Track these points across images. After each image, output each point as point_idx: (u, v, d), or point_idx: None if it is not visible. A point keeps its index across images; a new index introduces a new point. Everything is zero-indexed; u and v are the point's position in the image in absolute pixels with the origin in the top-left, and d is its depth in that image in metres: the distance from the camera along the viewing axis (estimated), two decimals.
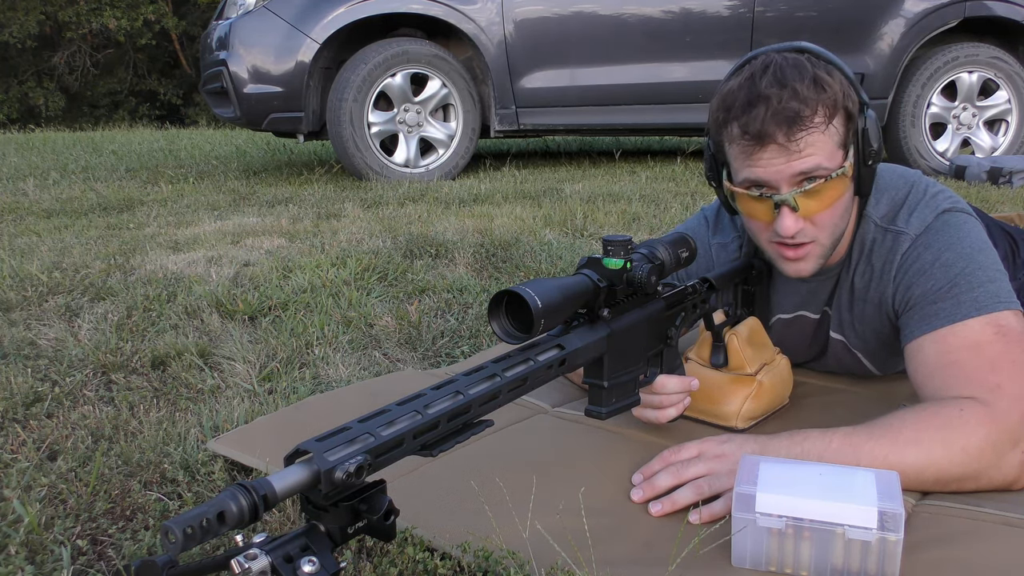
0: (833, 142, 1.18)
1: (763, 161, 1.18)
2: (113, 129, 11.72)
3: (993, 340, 1.16)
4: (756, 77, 1.17)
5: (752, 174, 1.20)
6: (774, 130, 1.15)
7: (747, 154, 1.19)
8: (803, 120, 1.14)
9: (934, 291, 1.22)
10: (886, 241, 1.30)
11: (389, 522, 0.76)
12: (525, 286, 0.91)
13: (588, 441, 1.32)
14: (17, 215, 3.60)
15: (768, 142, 1.16)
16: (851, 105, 1.19)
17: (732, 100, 1.19)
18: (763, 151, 1.17)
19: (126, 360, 1.71)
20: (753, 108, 1.15)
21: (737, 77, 1.21)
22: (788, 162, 1.17)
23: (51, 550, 1.04)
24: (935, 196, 1.30)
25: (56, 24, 18.82)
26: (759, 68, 1.19)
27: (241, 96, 4.20)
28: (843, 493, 0.94)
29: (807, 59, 1.19)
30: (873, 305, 1.34)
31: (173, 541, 0.62)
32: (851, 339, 1.43)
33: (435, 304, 2.14)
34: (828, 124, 1.16)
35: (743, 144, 1.19)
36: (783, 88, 1.14)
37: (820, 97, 1.15)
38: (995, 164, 4.21)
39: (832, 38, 4.48)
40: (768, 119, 1.14)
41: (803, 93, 1.14)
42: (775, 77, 1.16)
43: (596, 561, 0.97)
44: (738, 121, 1.18)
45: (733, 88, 1.20)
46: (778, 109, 1.14)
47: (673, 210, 3.38)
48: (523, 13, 4.33)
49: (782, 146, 1.16)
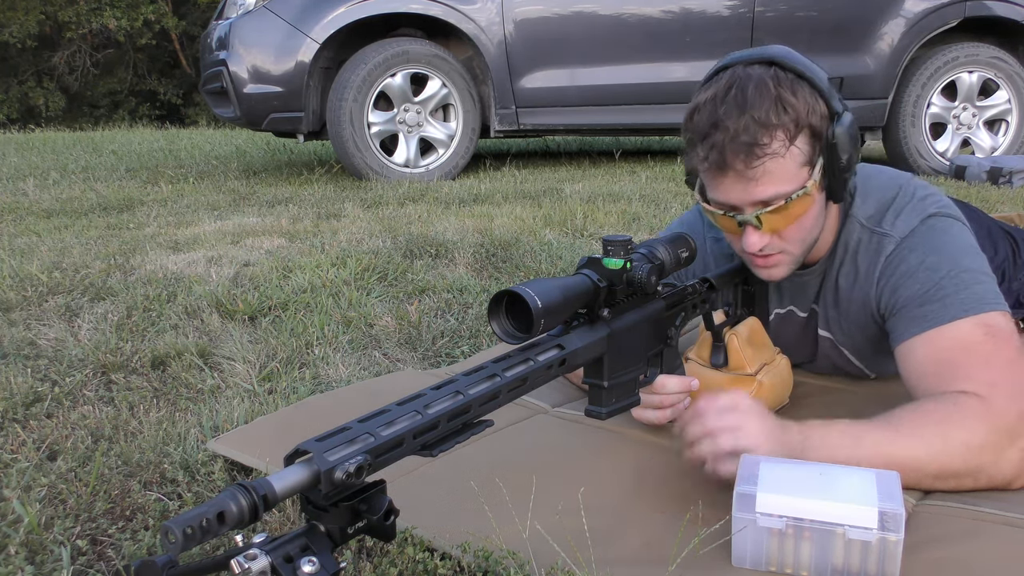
0: (796, 163, 1.17)
1: (724, 187, 1.20)
2: (113, 129, 11.72)
3: (984, 340, 1.16)
4: (718, 100, 1.17)
5: (716, 197, 1.23)
6: (732, 159, 1.15)
7: (709, 177, 1.22)
8: (760, 147, 1.14)
9: (920, 294, 1.23)
10: (871, 243, 1.31)
11: (389, 522, 0.76)
12: (525, 286, 0.91)
13: (588, 441, 1.32)
14: (17, 215, 3.60)
15: (727, 170, 1.17)
16: (816, 120, 1.17)
17: (696, 121, 1.20)
18: (723, 177, 1.19)
19: (126, 360, 1.71)
20: (712, 135, 1.16)
21: (704, 92, 1.21)
22: (746, 189, 1.18)
23: (51, 550, 1.04)
24: (923, 200, 1.30)
25: (56, 24, 18.82)
26: (723, 88, 1.18)
27: (241, 96, 4.20)
28: (843, 493, 0.94)
29: (772, 75, 1.17)
30: (857, 304, 1.35)
31: (173, 541, 0.62)
32: (838, 336, 1.43)
33: (435, 304, 2.14)
34: (789, 146, 1.16)
35: (705, 168, 1.20)
36: (741, 115, 1.14)
37: (781, 121, 1.14)
38: (995, 164, 4.21)
39: (832, 38, 4.48)
40: (726, 148, 1.15)
41: (762, 118, 1.14)
42: (736, 102, 1.15)
43: (596, 561, 0.97)
44: (701, 146, 1.19)
45: (699, 104, 1.20)
46: (735, 136, 1.14)
47: (673, 210, 3.38)
48: (523, 13, 4.33)
49: (740, 173, 1.16)
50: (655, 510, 1.11)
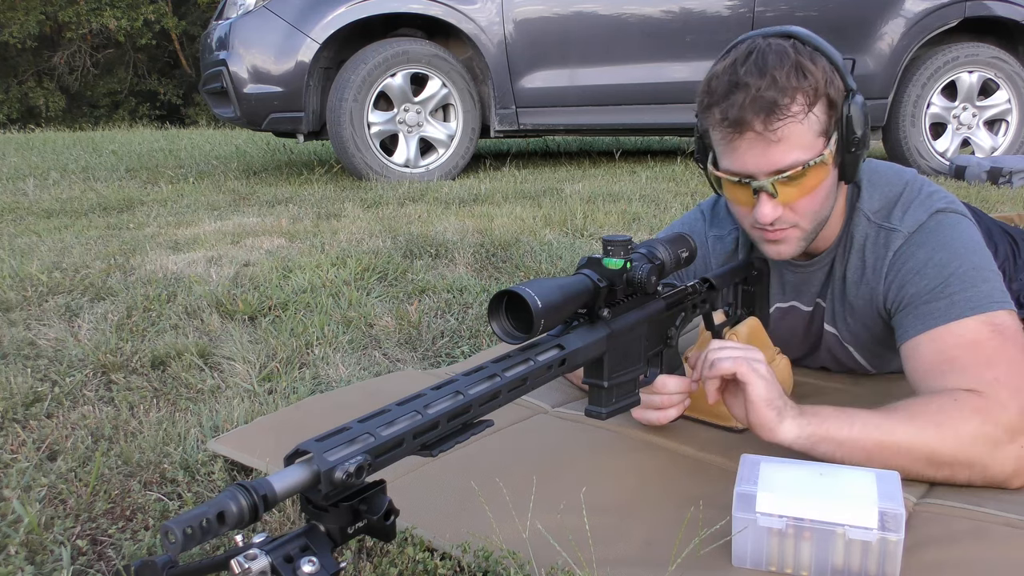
0: (813, 131, 1.17)
1: (740, 151, 1.19)
2: (113, 129, 11.72)
3: (989, 338, 1.16)
4: (738, 63, 1.17)
5: (731, 164, 1.22)
6: (752, 118, 1.15)
7: (727, 141, 1.20)
8: (781, 109, 1.14)
9: (928, 291, 1.23)
10: (879, 238, 1.30)
11: (389, 522, 0.76)
12: (525, 286, 0.91)
13: (588, 441, 1.32)
14: (17, 215, 3.60)
15: (746, 129, 1.16)
16: (833, 92, 1.18)
17: (715, 85, 1.19)
18: (741, 139, 1.18)
19: (126, 360, 1.71)
20: (732, 95, 1.16)
21: (723, 61, 1.21)
22: (765, 152, 1.17)
23: (51, 550, 1.04)
24: (930, 195, 1.30)
25: (56, 24, 18.82)
26: (742, 54, 1.19)
27: (241, 96, 4.20)
28: (843, 493, 0.94)
29: (792, 45, 1.18)
30: (864, 300, 1.35)
31: (173, 541, 0.62)
32: (843, 332, 1.43)
33: (435, 304, 2.14)
34: (808, 112, 1.16)
35: (723, 130, 1.19)
36: (762, 76, 1.15)
37: (800, 85, 1.15)
38: (995, 164, 4.21)
39: (832, 38, 4.45)
40: (747, 107, 1.15)
41: (782, 81, 1.14)
42: (756, 64, 1.16)
43: (596, 561, 0.97)
44: (718, 107, 1.18)
45: (717, 72, 1.20)
46: (756, 97, 1.14)
47: (673, 210, 3.38)
48: (523, 13, 4.33)
49: (760, 134, 1.16)
50: (656, 510, 1.11)
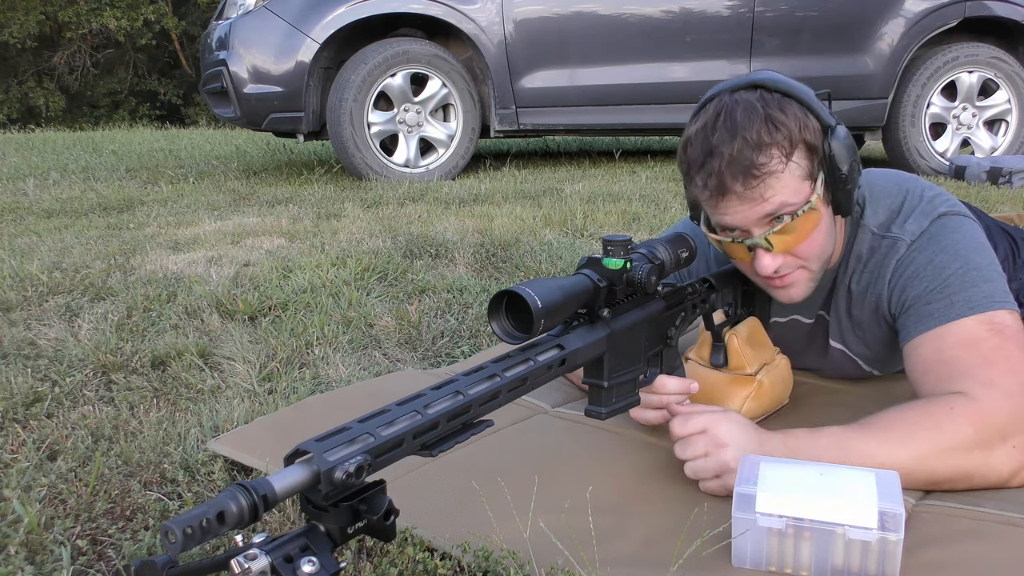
0: (796, 178, 1.17)
1: (728, 209, 1.19)
2: (113, 129, 11.71)
3: (988, 337, 1.16)
4: (708, 128, 1.18)
5: (722, 221, 1.22)
6: (731, 182, 1.15)
7: (712, 204, 1.21)
8: (758, 167, 1.14)
9: (928, 292, 1.23)
10: (882, 247, 1.31)
11: (389, 522, 0.76)
12: (525, 286, 0.91)
13: (588, 441, 1.32)
14: (17, 215, 3.60)
15: (727, 193, 1.17)
16: (810, 135, 1.17)
17: (690, 153, 1.20)
18: (725, 201, 1.18)
19: (126, 360, 1.71)
20: (708, 163, 1.16)
21: (694, 123, 1.22)
22: (752, 210, 1.18)
23: (51, 550, 1.04)
24: (931, 200, 1.31)
25: (56, 24, 18.82)
26: (711, 117, 1.18)
27: (241, 96, 4.20)
28: (843, 493, 0.94)
29: (759, 97, 1.17)
30: (870, 310, 1.35)
31: (173, 541, 0.62)
32: (852, 346, 1.43)
33: (435, 304, 2.14)
34: (787, 163, 1.16)
35: (706, 196, 1.20)
36: (734, 138, 1.15)
37: (774, 139, 1.15)
38: (995, 164, 4.21)
39: (832, 38, 4.48)
40: (724, 172, 1.15)
41: (754, 139, 1.14)
42: (726, 127, 1.16)
43: (597, 561, 0.97)
44: (697, 175, 1.19)
45: (691, 137, 1.21)
46: (731, 160, 1.14)
47: (673, 210, 3.38)
48: (523, 13, 4.33)
49: (741, 196, 1.16)
50: (656, 510, 1.11)
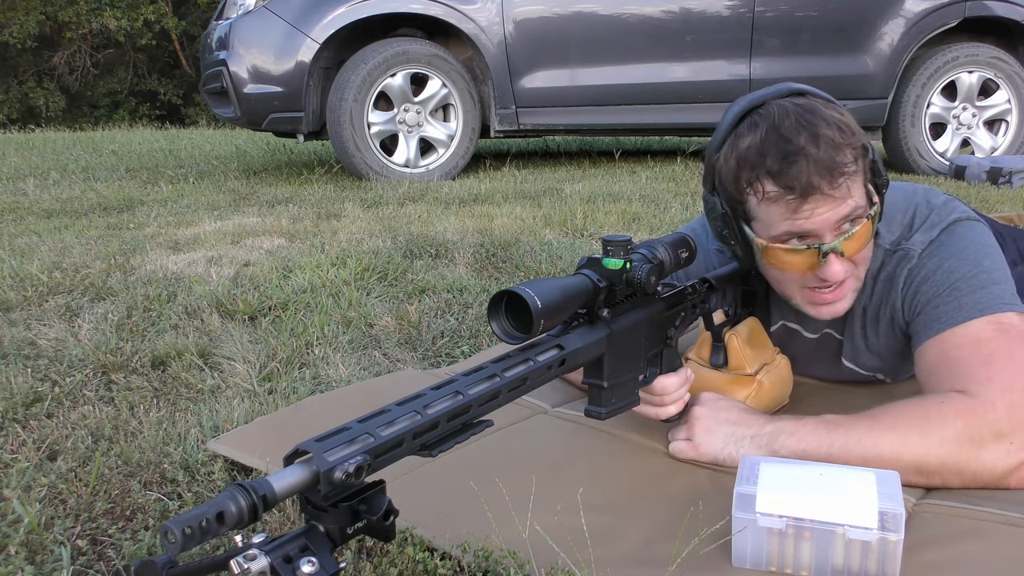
0: (862, 181, 1.18)
1: (807, 212, 1.16)
2: (113, 129, 11.71)
3: (993, 336, 1.16)
4: (781, 130, 1.15)
5: (795, 227, 1.18)
6: (819, 182, 1.13)
7: (789, 208, 1.16)
8: (843, 167, 1.13)
9: (936, 296, 1.24)
10: (893, 260, 1.31)
11: (389, 522, 0.76)
12: (525, 286, 0.91)
13: (588, 441, 1.32)
14: (17, 215, 3.60)
15: (813, 194, 1.14)
16: (866, 142, 1.19)
17: (758, 157, 1.16)
18: (806, 203, 1.15)
19: (126, 360, 1.71)
20: (792, 163, 1.13)
21: (752, 133, 1.17)
22: (833, 209, 1.16)
23: (51, 550, 1.04)
24: (939, 210, 1.31)
25: (56, 24, 18.82)
26: (776, 119, 1.16)
27: (241, 96, 4.20)
28: (843, 493, 0.94)
29: (814, 103, 1.18)
30: (886, 323, 1.35)
31: (172, 541, 0.62)
32: (866, 363, 1.43)
33: (435, 304, 2.14)
34: (858, 164, 1.16)
35: (784, 200, 1.16)
36: (816, 139, 1.13)
37: (847, 140, 1.15)
38: (995, 164, 4.21)
39: (832, 38, 4.48)
40: (812, 172, 1.12)
41: (836, 139, 1.14)
42: (804, 128, 1.14)
43: (596, 561, 0.97)
44: (774, 178, 1.15)
45: (755, 144, 1.16)
46: (819, 159, 1.12)
47: (673, 210, 3.38)
48: (523, 13, 4.33)
49: (827, 195, 1.14)
50: (655, 510, 1.11)
